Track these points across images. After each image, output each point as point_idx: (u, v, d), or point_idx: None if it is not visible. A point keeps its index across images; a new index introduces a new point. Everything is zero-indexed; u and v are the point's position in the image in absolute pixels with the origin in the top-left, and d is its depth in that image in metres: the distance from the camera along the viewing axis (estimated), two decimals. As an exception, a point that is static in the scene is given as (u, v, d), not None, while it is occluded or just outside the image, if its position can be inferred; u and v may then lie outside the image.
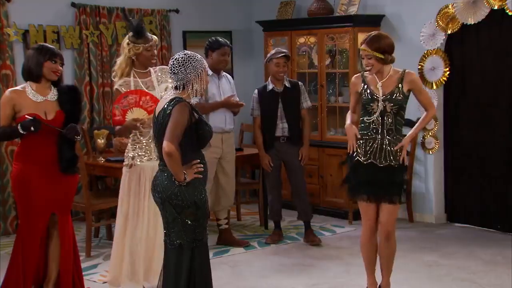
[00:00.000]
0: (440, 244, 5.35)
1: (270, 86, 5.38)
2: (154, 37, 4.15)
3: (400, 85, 3.77)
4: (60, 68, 3.84)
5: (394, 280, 4.08)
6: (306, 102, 5.40)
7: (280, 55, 5.29)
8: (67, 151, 3.83)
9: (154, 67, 4.19)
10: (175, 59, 3.29)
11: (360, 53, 3.82)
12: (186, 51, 3.35)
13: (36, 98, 3.79)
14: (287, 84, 5.35)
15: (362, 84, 3.86)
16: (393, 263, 3.94)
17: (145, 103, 3.96)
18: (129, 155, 4.09)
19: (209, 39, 5.31)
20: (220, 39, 5.26)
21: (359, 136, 3.84)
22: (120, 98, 3.99)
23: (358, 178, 3.87)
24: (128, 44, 4.07)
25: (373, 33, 3.82)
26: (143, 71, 4.13)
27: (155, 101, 3.90)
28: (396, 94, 3.76)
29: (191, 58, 3.29)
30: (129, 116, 3.98)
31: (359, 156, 3.86)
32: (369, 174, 3.82)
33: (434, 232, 5.72)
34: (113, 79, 4.19)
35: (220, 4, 7.14)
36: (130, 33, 4.09)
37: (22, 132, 3.68)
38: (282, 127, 5.33)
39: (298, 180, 5.42)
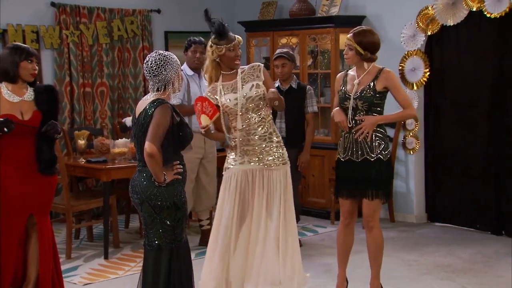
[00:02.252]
0: (421, 243, 5.40)
1: (276, 84, 5.33)
2: (238, 37, 3.89)
3: (372, 83, 3.79)
4: (36, 67, 3.81)
5: (374, 279, 4.10)
6: (312, 107, 5.30)
7: (275, 56, 5.27)
8: (47, 151, 3.78)
9: (242, 67, 3.96)
10: (153, 62, 3.27)
11: (345, 42, 3.86)
12: (159, 51, 3.33)
13: (12, 99, 3.75)
14: (294, 86, 5.30)
15: (342, 83, 3.93)
16: (379, 261, 3.92)
17: (206, 108, 3.76)
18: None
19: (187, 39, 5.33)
20: (193, 38, 5.25)
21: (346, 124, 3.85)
22: (195, 107, 3.83)
23: (339, 176, 3.95)
24: (211, 46, 3.83)
25: (364, 27, 3.89)
26: (229, 73, 3.91)
27: (212, 105, 3.75)
28: (366, 92, 3.79)
29: (167, 58, 3.29)
30: (202, 123, 3.80)
31: (339, 155, 3.92)
32: (349, 171, 3.87)
33: (415, 232, 5.76)
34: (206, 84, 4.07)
35: (202, 5, 7.01)
36: (212, 35, 3.84)
37: None
38: (280, 127, 5.24)
39: None
